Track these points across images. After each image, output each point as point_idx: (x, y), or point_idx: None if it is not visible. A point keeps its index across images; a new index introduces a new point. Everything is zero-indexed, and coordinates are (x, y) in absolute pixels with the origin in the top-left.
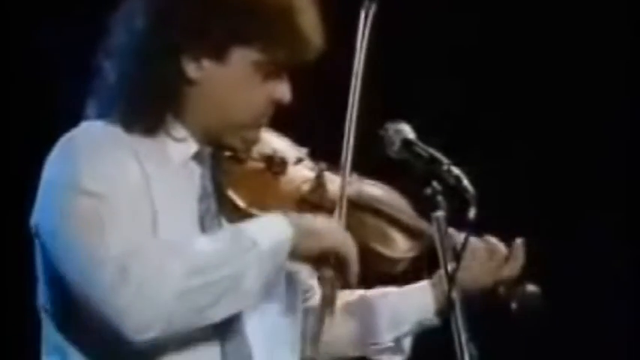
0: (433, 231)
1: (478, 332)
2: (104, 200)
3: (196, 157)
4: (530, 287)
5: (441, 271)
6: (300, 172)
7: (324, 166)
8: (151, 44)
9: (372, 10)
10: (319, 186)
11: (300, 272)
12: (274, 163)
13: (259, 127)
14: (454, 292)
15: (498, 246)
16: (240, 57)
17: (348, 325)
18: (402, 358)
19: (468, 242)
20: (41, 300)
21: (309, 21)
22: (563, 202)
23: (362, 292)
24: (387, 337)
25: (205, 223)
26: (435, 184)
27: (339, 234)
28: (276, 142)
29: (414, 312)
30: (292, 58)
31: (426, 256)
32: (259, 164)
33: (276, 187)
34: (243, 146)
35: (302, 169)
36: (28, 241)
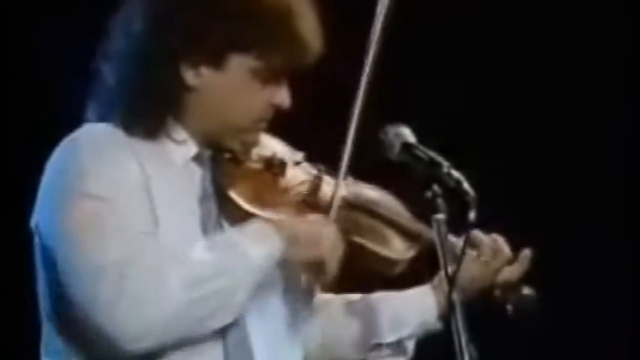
0: (433, 233)
1: (478, 333)
2: (106, 203)
3: (196, 159)
4: (526, 290)
5: (441, 274)
6: (299, 174)
7: (323, 168)
8: (150, 50)
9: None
10: (317, 187)
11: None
12: (273, 165)
13: (259, 130)
14: (454, 294)
15: (504, 247)
16: (238, 64)
17: (350, 325)
18: (404, 359)
19: (467, 245)
20: (40, 302)
21: (308, 25)
22: (563, 202)
23: (361, 295)
24: (389, 338)
25: (207, 224)
26: (436, 187)
27: (325, 242)
28: (275, 145)
29: (415, 314)
30: (290, 63)
31: (426, 259)
32: (259, 166)
33: (275, 187)
34: (242, 149)
35: (300, 171)
36: (28, 241)
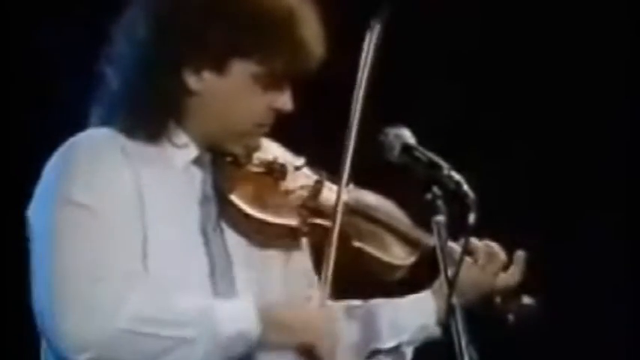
0: (433, 236)
1: (477, 334)
2: (88, 211)
3: (197, 162)
4: (527, 300)
5: (441, 279)
6: (300, 179)
7: (323, 173)
8: (153, 55)
9: (377, 30)
10: (318, 192)
11: (301, 280)
12: (274, 169)
13: (260, 134)
14: (454, 297)
15: (498, 250)
16: (240, 69)
17: (349, 329)
18: None
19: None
20: None
21: (310, 30)
22: (563, 202)
23: (362, 301)
24: (388, 344)
25: (206, 227)
26: (435, 189)
27: (315, 330)
28: (276, 150)
29: (415, 319)
30: (292, 68)
31: (426, 264)
32: (260, 169)
33: (275, 191)
34: (244, 152)
35: (301, 176)
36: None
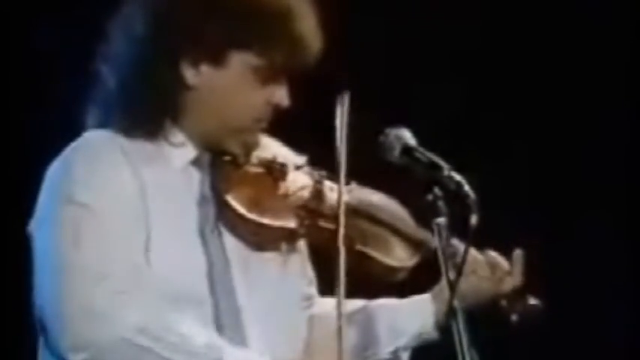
0: (435, 238)
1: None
2: (88, 210)
3: (195, 162)
4: (532, 301)
5: (441, 283)
6: (300, 179)
7: (324, 173)
8: (149, 50)
9: (346, 99)
10: (319, 193)
11: (299, 280)
12: (274, 169)
13: (258, 131)
14: (455, 300)
15: (500, 261)
16: (239, 61)
17: (348, 337)
18: None
19: (469, 250)
20: None
21: (308, 25)
22: (563, 201)
23: (363, 302)
24: (386, 349)
25: (204, 229)
26: (436, 190)
27: None
28: (276, 148)
29: (413, 324)
30: (291, 62)
31: (427, 266)
32: (259, 169)
33: (275, 192)
34: (242, 151)
35: (302, 176)
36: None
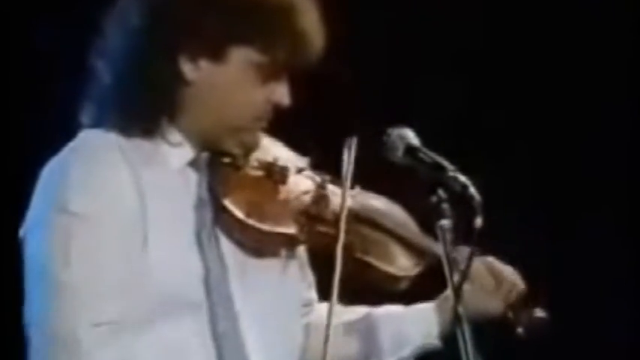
0: (439, 241)
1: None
2: (84, 222)
3: (193, 164)
4: (539, 313)
5: (446, 293)
6: (302, 182)
7: (327, 177)
8: (146, 44)
9: (354, 144)
10: (321, 198)
11: (298, 285)
12: (274, 172)
13: (258, 130)
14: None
15: (507, 274)
16: (239, 57)
17: (350, 346)
18: None
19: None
20: None
21: (311, 21)
22: (564, 201)
23: (366, 310)
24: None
25: (201, 234)
26: (441, 192)
27: None
28: (277, 150)
29: (417, 335)
30: (293, 59)
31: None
32: (258, 172)
33: (275, 197)
34: (241, 151)
35: (303, 179)
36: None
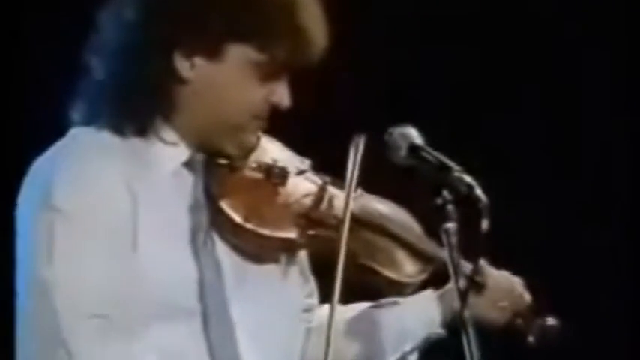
0: (444, 244)
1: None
2: (70, 220)
3: (188, 164)
4: (550, 321)
5: (449, 286)
6: (302, 185)
7: (328, 179)
8: (141, 40)
9: (361, 144)
10: (322, 201)
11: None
12: (273, 174)
13: (256, 130)
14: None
15: (516, 286)
16: (237, 55)
17: (352, 345)
18: None
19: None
20: None
21: (313, 19)
22: (564, 201)
23: (367, 305)
24: (393, 356)
25: (196, 237)
26: (446, 194)
27: None
28: (276, 152)
29: (420, 327)
30: (293, 57)
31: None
32: (257, 174)
33: (273, 200)
34: (238, 152)
35: (304, 182)
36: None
